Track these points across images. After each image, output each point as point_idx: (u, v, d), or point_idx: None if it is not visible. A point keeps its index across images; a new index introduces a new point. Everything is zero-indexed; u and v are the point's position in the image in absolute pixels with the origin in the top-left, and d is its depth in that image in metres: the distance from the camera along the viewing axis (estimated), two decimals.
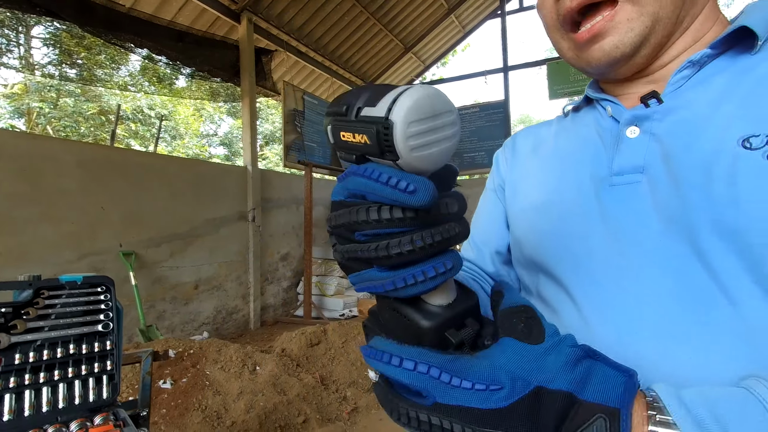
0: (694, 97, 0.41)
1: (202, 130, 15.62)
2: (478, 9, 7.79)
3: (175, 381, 2.64)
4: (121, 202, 3.79)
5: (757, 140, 0.35)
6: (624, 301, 0.40)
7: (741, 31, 0.39)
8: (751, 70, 0.38)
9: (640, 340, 0.38)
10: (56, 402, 0.92)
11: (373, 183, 0.26)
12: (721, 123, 0.38)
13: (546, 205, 0.49)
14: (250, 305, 5.10)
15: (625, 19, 0.41)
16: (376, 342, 0.29)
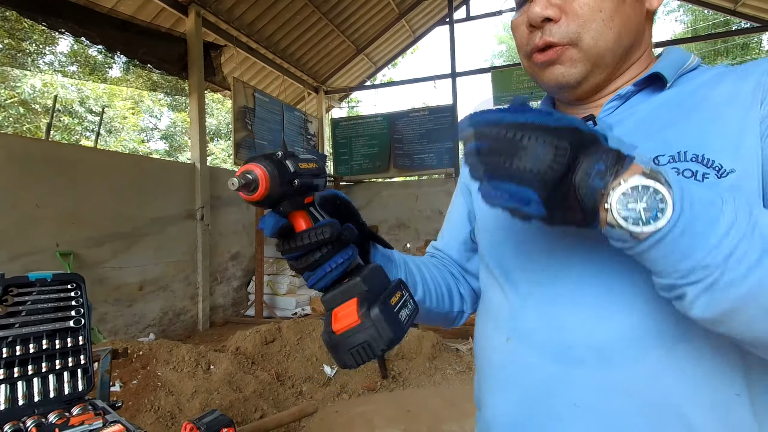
0: (620, 120, 0.53)
1: (141, 123, 14.75)
2: (428, 15, 8.06)
3: (124, 383, 2.58)
4: (59, 199, 3.58)
5: (663, 159, 0.47)
6: (543, 279, 0.52)
7: (655, 75, 0.53)
8: (664, 103, 0.52)
9: (556, 308, 0.50)
10: (31, 395, 0.94)
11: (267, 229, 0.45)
12: (638, 144, 0.49)
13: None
14: (198, 306, 4.98)
15: (569, 58, 0.52)
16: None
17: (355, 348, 0.42)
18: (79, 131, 12.40)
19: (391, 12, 7.38)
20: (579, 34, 0.50)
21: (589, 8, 0.49)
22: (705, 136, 0.46)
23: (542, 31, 0.52)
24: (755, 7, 6.56)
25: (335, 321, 0.44)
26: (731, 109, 0.46)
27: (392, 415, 2.72)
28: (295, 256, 0.45)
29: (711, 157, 0.44)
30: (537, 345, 0.51)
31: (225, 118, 15.00)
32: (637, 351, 0.45)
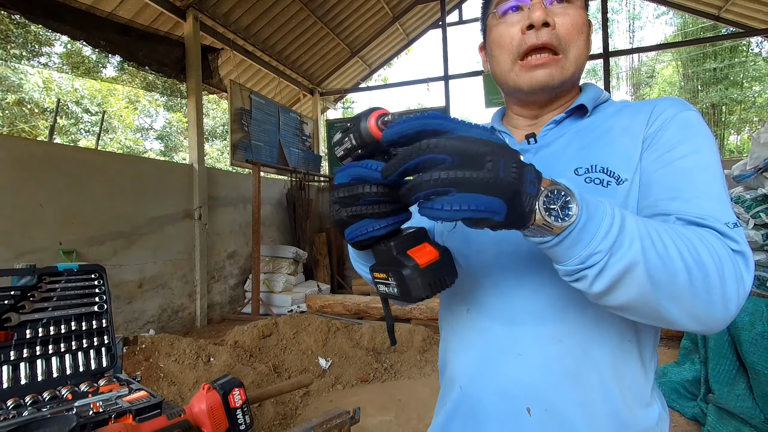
0: (552, 142, 0.67)
1: (137, 123, 14.79)
2: (421, 19, 8.22)
3: (128, 374, 2.70)
4: (61, 199, 3.69)
5: (581, 170, 0.61)
6: (497, 261, 0.65)
7: (580, 105, 0.68)
8: (583, 129, 0.67)
9: (502, 284, 0.64)
10: (64, 369, 1.08)
11: (372, 171, 0.48)
12: (565, 159, 0.65)
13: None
14: (196, 303, 5.10)
15: (560, 64, 0.65)
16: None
17: (435, 279, 0.50)
18: (75, 132, 12.44)
19: (385, 16, 7.53)
20: (568, 46, 0.64)
21: (576, 29, 0.64)
22: (609, 154, 0.62)
23: (539, 33, 0.62)
24: (737, 13, 6.77)
25: (418, 257, 0.50)
26: (627, 136, 0.62)
27: (384, 403, 2.87)
28: (376, 201, 0.47)
29: (613, 169, 0.60)
30: (490, 314, 0.65)
31: (221, 118, 15.09)
32: (561, 312, 0.60)
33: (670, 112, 0.61)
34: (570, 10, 0.64)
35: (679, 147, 0.58)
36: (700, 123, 0.60)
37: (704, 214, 0.53)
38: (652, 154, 0.59)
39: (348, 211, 0.50)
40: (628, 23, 17.00)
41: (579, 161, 0.63)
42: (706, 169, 0.56)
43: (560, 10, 0.64)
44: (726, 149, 14.36)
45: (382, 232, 0.50)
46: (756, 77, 13.44)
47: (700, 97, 13.74)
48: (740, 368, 2.67)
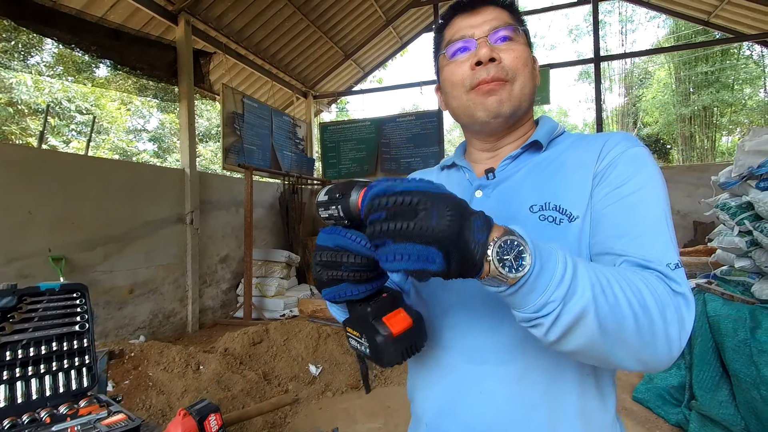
0: (509, 177, 0.69)
1: (130, 125, 14.71)
2: (415, 22, 8.24)
3: (116, 383, 2.71)
4: (51, 205, 3.67)
5: (536, 207, 0.63)
6: (459, 299, 0.67)
7: (535, 141, 0.70)
8: (538, 164, 0.69)
9: (464, 320, 0.66)
10: (44, 391, 1.09)
11: (355, 243, 0.51)
12: (521, 195, 0.67)
13: None
14: (188, 308, 5.09)
15: (507, 91, 0.66)
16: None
17: (408, 346, 0.53)
18: (66, 133, 12.35)
19: (378, 19, 7.55)
20: (515, 77, 0.67)
21: (520, 62, 0.67)
22: (562, 191, 0.64)
23: (487, 68, 0.66)
24: (726, 18, 6.85)
25: (392, 324, 0.53)
26: (579, 172, 0.64)
27: (373, 410, 2.89)
28: (357, 269, 0.51)
29: (565, 207, 0.62)
30: (454, 351, 0.66)
31: (216, 119, 15.04)
32: (520, 351, 0.62)
33: (620, 147, 0.63)
34: (513, 46, 0.68)
35: (628, 183, 0.60)
36: (648, 159, 0.63)
37: (649, 255, 0.55)
38: (602, 190, 0.62)
39: (329, 274, 0.53)
40: (621, 26, 17.12)
41: (534, 198, 0.65)
42: (653, 207, 0.58)
43: (504, 46, 0.68)
44: (718, 151, 14.49)
45: (360, 296, 0.53)
46: (746, 80, 13.58)
47: (693, 100, 13.86)
48: (723, 375, 2.70)
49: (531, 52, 0.71)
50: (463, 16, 0.71)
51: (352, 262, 0.51)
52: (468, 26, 0.69)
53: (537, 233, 0.61)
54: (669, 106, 14.68)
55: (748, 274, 3.20)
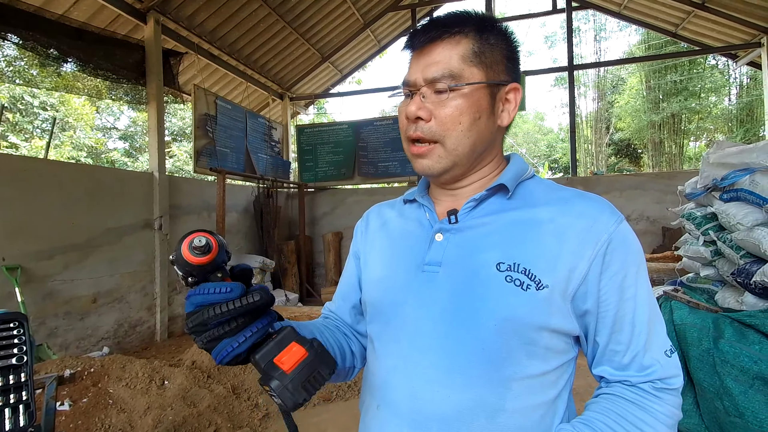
0: (475, 224, 0.65)
1: (99, 123, 14.20)
2: (393, 26, 8.22)
3: (74, 402, 2.57)
4: (5, 211, 3.47)
5: (503, 266, 0.59)
6: (410, 354, 0.62)
7: (501, 185, 0.65)
8: (506, 213, 0.64)
9: (414, 381, 0.61)
10: None
11: (208, 295, 0.50)
12: (488, 249, 0.61)
13: (382, 280, 0.71)
14: (156, 316, 4.92)
15: (437, 155, 0.64)
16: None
17: (309, 377, 0.50)
18: (30, 130, 11.82)
19: (356, 22, 7.49)
20: (443, 137, 0.63)
21: (451, 120, 0.62)
22: (533, 255, 0.59)
23: (416, 125, 0.65)
24: (693, 31, 7.09)
25: (284, 363, 0.50)
26: (555, 238, 0.60)
27: (346, 423, 2.83)
28: (226, 319, 0.51)
29: (535, 273, 0.58)
30: (398, 414, 0.62)
31: (189, 119, 14.67)
32: (468, 419, 0.58)
33: (609, 231, 0.60)
34: (450, 101, 0.62)
35: (625, 282, 0.59)
36: (635, 242, 0.61)
37: (648, 362, 0.59)
38: (604, 286, 0.59)
39: (203, 338, 0.51)
40: (595, 33, 17.56)
41: (502, 255, 0.61)
42: (648, 302, 0.60)
43: (438, 100, 0.63)
44: (685, 156, 15.03)
45: (244, 347, 0.50)
46: (712, 89, 14.13)
47: (662, 107, 14.33)
48: (689, 383, 2.77)
49: (481, 96, 0.64)
50: (415, 54, 0.67)
51: (215, 314, 0.49)
52: (414, 68, 0.66)
53: (501, 295, 0.58)
54: (640, 113, 15.14)
55: (713, 283, 3.29)
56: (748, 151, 2.81)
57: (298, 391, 0.49)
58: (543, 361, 0.59)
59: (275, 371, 0.49)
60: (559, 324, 0.58)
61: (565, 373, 0.62)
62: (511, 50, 0.67)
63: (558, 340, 0.59)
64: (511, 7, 23.12)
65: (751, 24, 6.26)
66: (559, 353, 0.60)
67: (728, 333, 2.58)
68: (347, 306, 0.82)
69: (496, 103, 0.66)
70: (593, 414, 0.58)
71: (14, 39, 4.08)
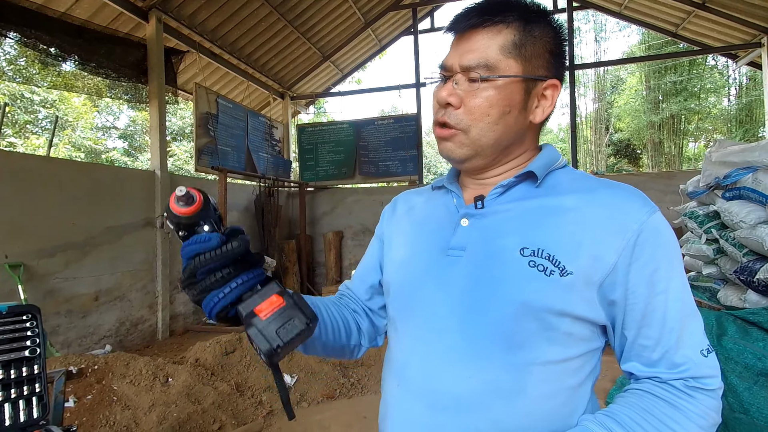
0: (500, 209, 0.65)
1: (99, 122, 14.17)
2: (393, 25, 8.23)
3: (78, 399, 2.57)
4: (7, 209, 3.47)
5: (527, 251, 0.58)
6: (428, 336, 0.63)
7: (531, 172, 0.64)
8: (531, 200, 0.63)
9: (432, 361, 0.61)
10: None
11: (191, 245, 0.50)
12: (511, 234, 0.61)
13: (405, 262, 0.71)
14: (157, 315, 4.91)
15: (459, 141, 0.64)
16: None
17: (283, 324, 0.49)
18: (30, 128, 11.80)
19: (356, 21, 7.50)
20: (469, 126, 0.63)
21: (479, 111, 0.62)
22: (557, 240, 0.59)
23: (445, 111, 0.64)
24: (693, 31, 7.11)
25: (261, 310, 0.49)
26: (580, 226, 0.59)
27: (349, 421, 2.83)
28: (209, 269, 0.50)
29: (559, 259, 0.57)
30: (416, 393, 0.63)
31: (191, 118, 14.65)
32: (486, 402, 0.58)
33: (639, 221, 0.58)
34: (481, 91, 0.62)
35: (656, 275, 0.57)
36: (669, 235, 0.59)
37: (680, 360, 0.57)
38: (632, 278, 0.58)
39: (194, 291, 0.51)
40: (595, 33, 17.60)
41: (525, 240, 0.60)
42: (684, 297, 0.58)
43: (470, 89, 0.62)
44: (684, 157, 15.07)
45: (229, 298, 0.50)
46: (711, 89, 14.17)
47: (662, 108, 14.37)
48: None
49: (513, 90, 0.62)
50: (456, 38, 0.66)
51: (199, 262, 0.50)
52: (453, 53, 0.65)
53: (523, 279, 0.58)
54: (639, 113, 15.17)
55: (715, 281, 3.30)
56: (751, 150, 2.83)
57: (273, 336, 0.48)
58: (564, 347, 0.58)
59: (252, 319, 0.50)
60: (583, 311, 0.58)
61: (589, 363, 0.61)
62: (557, 44, 0.65)
63: (581, 327, 0.59)
64: None
65: (751, 24, 6.29)
66: (583, 340, 0.60)
67: (731, 330, 2.60)
68: (364, 285, 0.83)
69: (530, 98, 0.64)
70: (618, 407, 0.57)
71: (15, 37, 4.08)
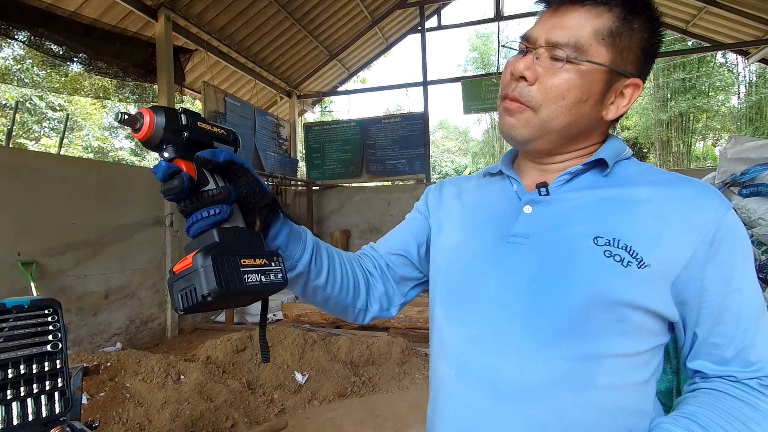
0: (568, 197, 0.62)
1: (106, 122, 14.24)
2: (400, 24, 8.20)
3: (91, 396, 2.57)
4: (17, 207, 3.48)
5: (602, 240, 0.56)
6: (492, 324, 0.60)
7: (601, 160, 0.61)
8: (600, 189, 0.61)
9: (496, 351, 0.58)
10: (10, 420, 0.98)
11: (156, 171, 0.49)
12: (582, 221, 0.58)
13: (459, 248, 0.68)
14: (166, 313, 4.92)
15: (524, 119, 0.60)
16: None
17: (184, 290, 0.45)
18: (38, 130, 11.88)
19: (363, 20, 7.48)
20: (540, 105, 0.59)
21: (556, 92, 0.58)
22: (633, 231, 0.56)
23: (517, 84, 0.60)
24: (704, 27, 7.04)
25: (180, 262, 0.47)
26: (655, 219, 0.56)
27: (361, 419, 2.82)
28: (169, 199, 0.50)
29: (636, 250, 0.55)
30: (479, 382, 0.60)
31: None
32: (553, 394, 0.55)
33: (717, 218, 0.56)
34: (562, 72, 0.58)
35: (732, 273, 0.56)
36: (744, 233, 0.58)
37: (754, 358, 0.55)
38: (708, 276, 0.55)
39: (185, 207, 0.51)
40: None
41: (598, 229, 0.57)
42: (754, 295, 0.57)
43: (551, 67, 0.59)
44: (693, 156, 14.94)
45: (191, 231, 0.50)
46: (720, 87, 14.03)
47: (670, 106, 14.24)
48: None
49: (605, 80, 0.59)
50: (549, 11, 0.62)
51: (162, 188, 0.48)
52: (541, 25, 0.61)
53: (597, 269, 0.55)
54: (648, 111, 15.05)
55: None
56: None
57: (178, 297, 0.46)
58: (636, 340, 0.56)
59: (173, 269, 0.48)
60: (657, 306, 0.56)
61: (656, 358, 0.59)
62: (652, 43, 0.61)
63: (653, 321, 0.57)
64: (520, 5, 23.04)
65: (763, 20, 6.21)
66: (653, 334, 0.57)
67: None
68: (393, 250, 0.79)
69: (609, 92, 0.60)
70: (696, 408, 0.54)
71: (24, 37, 4.09)
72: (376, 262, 0.80)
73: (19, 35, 4.01)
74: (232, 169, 0.54)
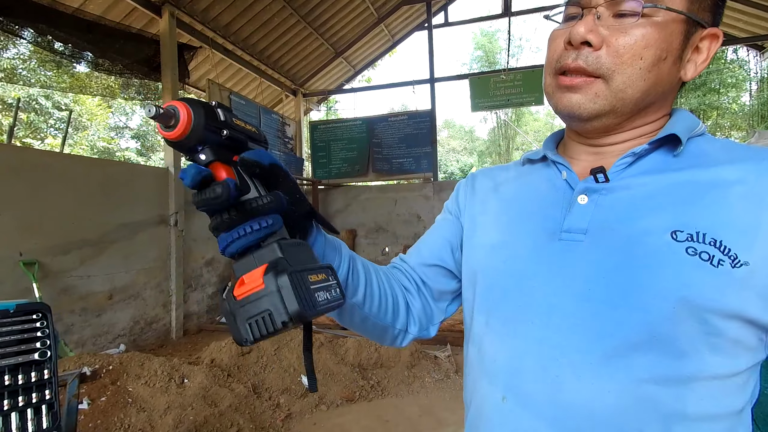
0: (633, 183, 0.52)
1: (111, 122, 14.26)
2: (407, 20, 8.10)
3: (92, 400, 2.49)
4: (19, 206, 3.41)
5: (682, 235, 0.46)
6: (548, 337, 0.50)
7: (672, 136, 0.51)
8: (673, 173, 0.51)
9: (556, 368, 0.48)
10: None
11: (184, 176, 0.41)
12: (654, 213, 0.48)
13: (501, 247, 0.59)
14: (171, 314, 4.85)
15: (594, 92, 0.50)
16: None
17: (254, 317, 0.38)
18: (44, 129, 11.89)
19: (370, 16, 7.38)
20: (612, 72, 0.49)
21: (631, 52, 0.48)
22: (721, 221, 0.46)
23: (578, 53, 0.51)
24: None
25: (239, 286, 0.40)
26: (752, 207, 0.46)
27: (370, 425, 2.72)
28: (205, 210, 0.42)
29: (728, 245, 0.44)
30: (535, 409, 0.49)
31: None
32: (632, 422, 0.45)
33: None
34: (635, 27, 0.48)
35: None
36: None
37: None
38: None
39: (212, 226, 0.44)
40: None
41: (677, 221, 0.47)
42: None
43: (617, 25, 0.49)
44: None
45: (232, 249, 0.42)
46: (732, 84, 13.80)
47: (680, 103, 14.03)
48: None
49: (682, 30, 0.50)
50: None
51: (196, 200, 0.40)
52: None
53: (681, 270, 0.45)
54: None
55: None
56: None
57: (244, 327, 0.39)
58: (731, 357, 0.45)
59: (229, 293, 0.40)
60: (757, 313, 0.44)
61: (752, 379, 0.48)
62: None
63: (752, 333, 0.46)
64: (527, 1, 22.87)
65: None
66: (750, 350, 0.47)
67: None
68: (427, 261, 0.70)
69: (687, 47, 0.51)
70: None
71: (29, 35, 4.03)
72: (410, 276, 0.70)
73: (24, 33, 3.95)
74: (274, 174, 0.46)
